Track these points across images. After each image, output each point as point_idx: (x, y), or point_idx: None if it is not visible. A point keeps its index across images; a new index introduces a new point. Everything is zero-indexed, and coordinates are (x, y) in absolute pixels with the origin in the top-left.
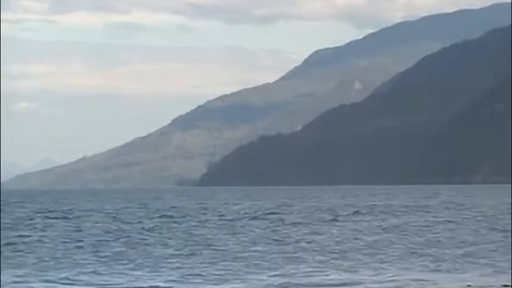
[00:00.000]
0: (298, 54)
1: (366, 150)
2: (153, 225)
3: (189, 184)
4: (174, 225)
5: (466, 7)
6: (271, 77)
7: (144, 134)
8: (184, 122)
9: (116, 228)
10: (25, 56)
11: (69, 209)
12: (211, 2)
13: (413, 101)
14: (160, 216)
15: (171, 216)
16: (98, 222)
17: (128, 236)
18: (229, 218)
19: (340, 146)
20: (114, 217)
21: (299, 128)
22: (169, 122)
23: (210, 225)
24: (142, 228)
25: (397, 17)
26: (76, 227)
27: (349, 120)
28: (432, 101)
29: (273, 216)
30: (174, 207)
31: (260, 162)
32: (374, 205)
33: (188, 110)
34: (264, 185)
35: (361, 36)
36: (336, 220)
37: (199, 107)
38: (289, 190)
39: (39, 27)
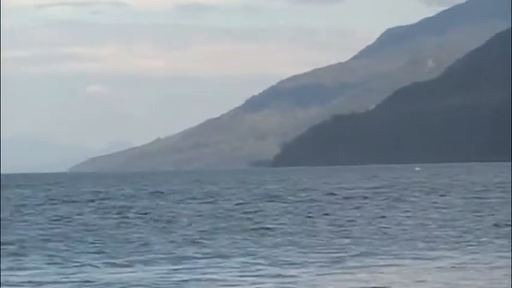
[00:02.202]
0: (369, 33)
1: (438, 128)
2: None
3: (262, 165)
4: None
5: None
6: (343, 57)
7: (217, 115)
8: (257, 103)
9: None
10: (94, 39)
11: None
12: None
13: (486, 78)
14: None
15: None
16: None
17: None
18: None
19: (413, 124)
20: None
21: (372, 107)
22: (242, 102)
23: None
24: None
25: None
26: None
27: (423, 98)
28: (505, 78)
29: None
30: None
31: (333, 141)
32: None
33: (261, 91)
34: (338, 165)
35: (432, 14)
36: None
37: (271, 87)
38: (375, 169)
39: (108, 10)
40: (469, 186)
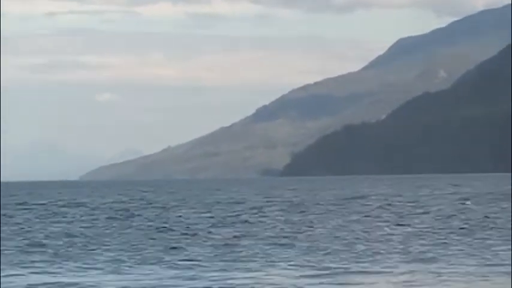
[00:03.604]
0: (381, 43)
1: (450, 139)
2: None
3: (272, 174)
4: None
5: None
6: (354, 66)
7: (228, 124)
8: (268, 112)
9: None
10: (106, 48)
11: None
12: None
13: (498, 89)
14: None
15: None
16: None
17: None
18: None
19: (424, 134)
20: None
21: (383, 117)
22: (253, 111)
23: None
24: None
25: (478, 4)
26: None
27: (434, 108)
28: None
29: None
30: None
31: (344, 151)
32: None
33: (272, 100)
34: (348, 175)
35: (444, 25)
36: None
37: (282, 96)
38: (379, 179)
39: (120, 19)
40: None
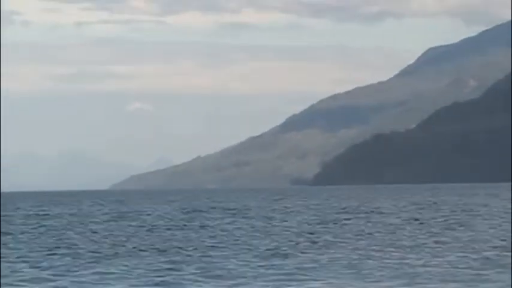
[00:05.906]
0: (410, 52)
1: (480, 149)
2: None
3: (302, 183)
4: None
5: None
6: (384, 76)
7: (258, 134)
8: (298, 121)
9: None
10: (136, 57)
11: None
12: (321, 0)
13: None
14: None
15: None
16: None
17: None
18: None
19: (455, 143)
20: None
21: (413, 126)
22: (282, 121)
23: None
24: None
25: (508, 14)
26: None
27: (464, 117)
28: None
29: None
30: None
31: (374, 160)
32: None
33: (301, 109)
34: (378, 184)
35: (474, 34)
36: None
37: (312, 106)
38: (413, 189)
39: (150, 28)
40: None
